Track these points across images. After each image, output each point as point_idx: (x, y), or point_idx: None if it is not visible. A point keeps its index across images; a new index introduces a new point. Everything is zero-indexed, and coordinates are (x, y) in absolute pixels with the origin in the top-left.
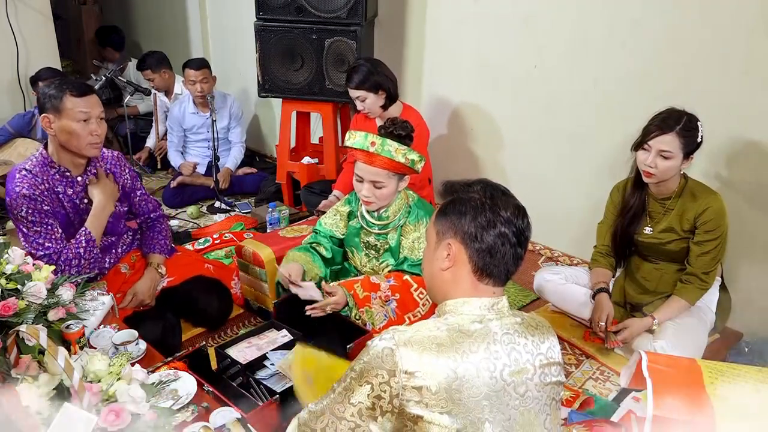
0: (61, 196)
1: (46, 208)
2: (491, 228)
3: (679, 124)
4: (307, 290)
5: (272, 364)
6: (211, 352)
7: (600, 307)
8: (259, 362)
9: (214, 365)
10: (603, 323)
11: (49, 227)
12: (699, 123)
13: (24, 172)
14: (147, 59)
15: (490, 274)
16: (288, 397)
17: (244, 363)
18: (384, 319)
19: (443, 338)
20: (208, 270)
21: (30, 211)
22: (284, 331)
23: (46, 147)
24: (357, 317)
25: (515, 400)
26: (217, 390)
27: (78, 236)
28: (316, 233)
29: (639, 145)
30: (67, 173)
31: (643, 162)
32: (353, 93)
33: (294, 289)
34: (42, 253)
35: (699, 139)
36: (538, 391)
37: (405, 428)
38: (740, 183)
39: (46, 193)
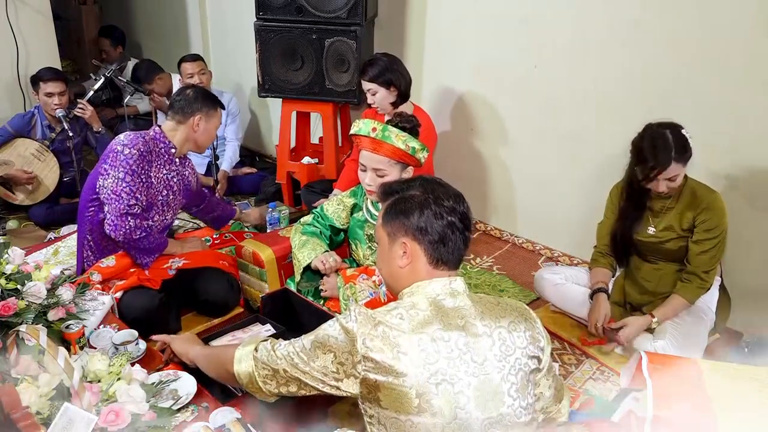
0: (161, 168)
1: (145, 170)
2: (439, 219)
3: (673, 151)
4: (329, 281)
5: None
6: None
7: (597, 308)
8: None
9: None
10: (600, 324)
11: (142, 185)
12: (683, 131)
13: (138, 135)
14: (137, 73)
15: (445, 261)
16: None
17: None
18: (369, 296)
19: (400, 314)
20: (223, 265)
21: (138, 163)
22: (268, 325)
23: (159, 127)
24: (344, 295)
25: (473, 368)
26: (200, 381)
27: (162, 237)
28: (315, 216)
29: (643, 180)
30: (173, 150)
31: (655, 189)
32: (365, 85)
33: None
34: (134, 201)
35: (691, 144)
36: (499, 360)
37: (369, 394)
38: (740, 183)
39: (150, 156)
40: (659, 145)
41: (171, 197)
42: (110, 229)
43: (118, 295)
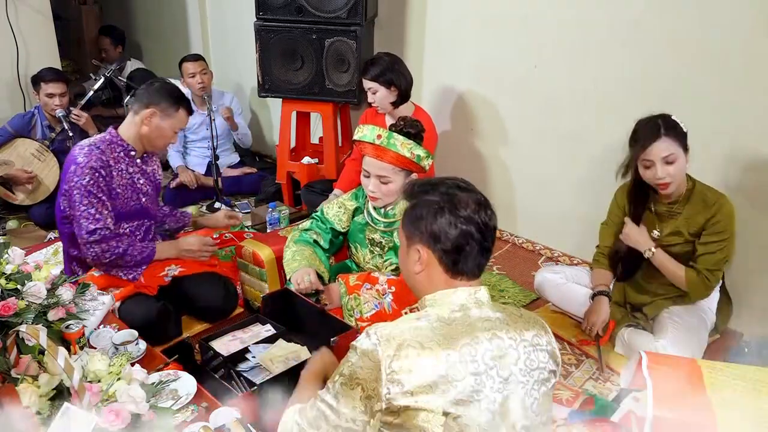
0: (123, 173)
1: (105, 184)
2: (453, 228)
3: (661, 127)
4: (331, 293)
5: (253, 357)
6: None
7: (596, 311)
8: (241, 355)
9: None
10: (596, 329)
11: (105, 204)
12: (673, 117)
13: (92, 147)
14: (131, 81)
15: (461, 272)
16: (267, 388)
17: (226, 355)
18: (374, 308)
19: (424, 329)
20: (220, 269)
21: (93, 183)
22: (268, 326)
23: (115, 128)
24: (348, 305)
25: (498, 383)
26: (200, 381)
27: (145, 246)
28: (315, 220)
29: (630, 165)
30: (132, 152)
31: (652, 177)
32: (366, 84)
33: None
34: (93, 227)
35: (685, 130)
36: (524, 375)
37: (390, 416)
38: (740, 183)
39: (108, 169)
40: (647, 124)
41: (145, 199)
42: (83, 254)
43: (117, 304)
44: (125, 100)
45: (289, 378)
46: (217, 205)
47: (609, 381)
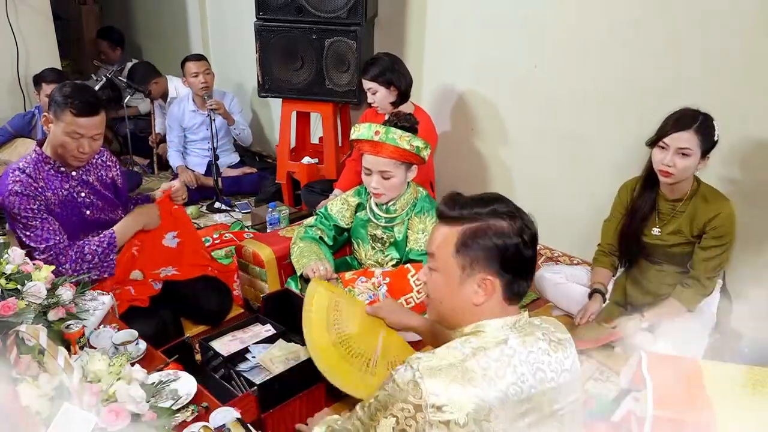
0: (58, 191)
1: (37, 205)
2: (527, 249)
3: (696, 122)
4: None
5: (253, 357)
6: None
7: (587, 305)
8: (241, 355)
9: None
10: (579, 319)
11: (46, 221)
12: (714, 122)
13: (17, 172)
14: (132, 75)
15: (521, 294)
16: (266, 388)
17: (226, 355)
18: (368, 299)
19: (469, 365)
20: (213, 272)
21: (23, 207)
22: (268, 326)
23: (40, 144)
24: None
25: (539, 420)
26: (200, 381)
27: (102, 236)
28: (319, 217)
29: (654, 142)
30: (62, 168)
31: (660, 161)
32: (366, 84)
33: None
34: (44, 245)
35: (715, 138)
36: (562, 408)
37: None
38: (740, 182)
39: (39, 190)
40: (686, 114)
41: (89, 212)
42: (72, 263)
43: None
44: (125, 100)
45: (289, 378)
46: (217, 205)
47: (609, 381)
